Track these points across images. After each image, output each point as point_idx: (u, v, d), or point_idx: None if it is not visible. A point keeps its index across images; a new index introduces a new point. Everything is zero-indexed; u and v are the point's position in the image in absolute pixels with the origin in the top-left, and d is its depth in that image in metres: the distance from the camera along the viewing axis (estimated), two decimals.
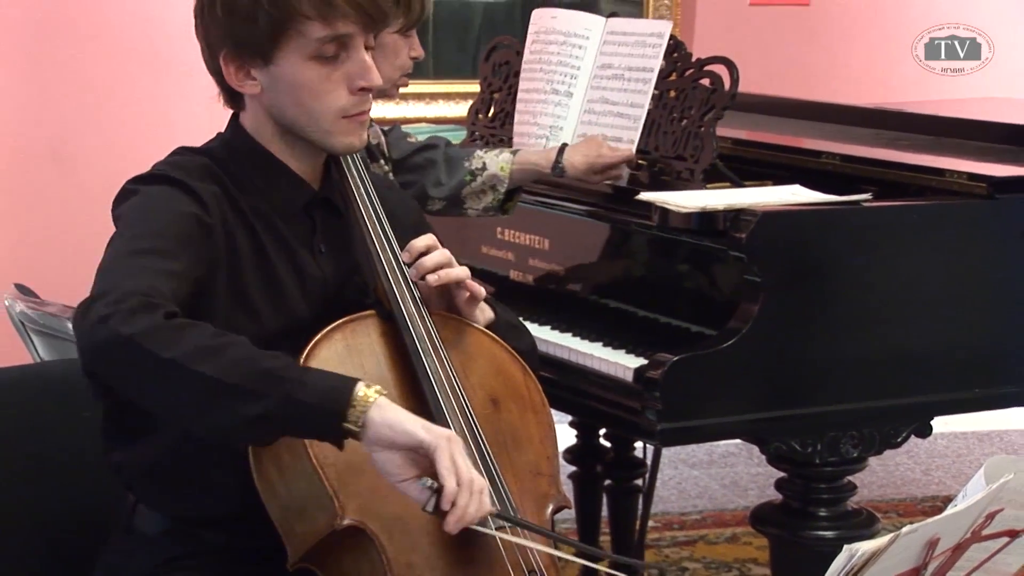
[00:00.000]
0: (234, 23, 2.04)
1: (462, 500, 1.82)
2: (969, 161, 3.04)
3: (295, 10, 2.01)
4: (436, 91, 5.37)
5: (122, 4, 5.00)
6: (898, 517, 4.40)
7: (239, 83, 2.08)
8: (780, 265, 2.59)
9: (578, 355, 2.70)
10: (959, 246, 2.79)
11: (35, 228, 4.94)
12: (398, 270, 2.14)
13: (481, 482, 1.86)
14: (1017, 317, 2.84)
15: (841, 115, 3.86)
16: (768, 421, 2.63)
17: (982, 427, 5.22)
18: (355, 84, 2.06)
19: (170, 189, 2.03)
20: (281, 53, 2.04)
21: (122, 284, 1.86)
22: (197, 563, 2.09)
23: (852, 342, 2.67)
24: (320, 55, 2.04)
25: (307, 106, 2.07)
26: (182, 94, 4.75)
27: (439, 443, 1.82)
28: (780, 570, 2.84)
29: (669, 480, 4.72)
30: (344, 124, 2.09)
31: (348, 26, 2.03)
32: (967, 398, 2.82)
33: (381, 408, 1.82)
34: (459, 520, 1.83)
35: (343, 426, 1.82)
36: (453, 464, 1.82)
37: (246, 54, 2.06)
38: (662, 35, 2.89)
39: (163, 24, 4.89)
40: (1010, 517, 1.75)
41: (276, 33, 2.03)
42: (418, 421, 1.84)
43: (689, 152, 2.80)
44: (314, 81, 2.05)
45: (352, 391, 1.82)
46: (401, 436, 1.82)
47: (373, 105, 2.13)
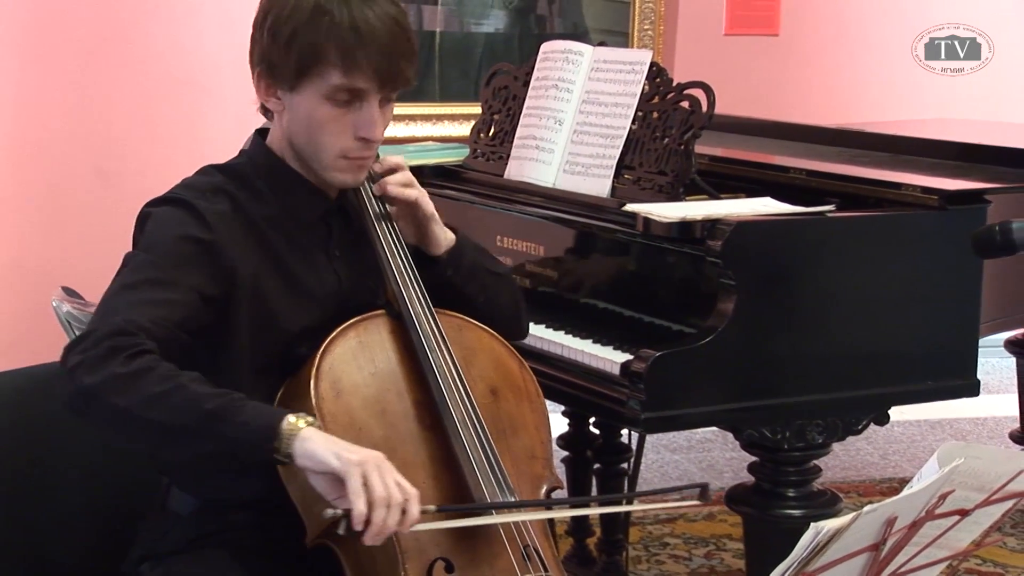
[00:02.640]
0: (273, 47, 2.06)
1: (377, 517, 1.81)
2: (923, 176, 3.03)
3: (323, 56, 2.03)
4: (442, 113, 5.39)
5: (160, 36, 5.01)
6: (859, 497, 4.39)
7: (265, 98, 2.11)
8: (752, 270, 2.58)
9: (570, 351, 2.69)
10: (913, 253, 2.78)
11: (81, 236, 4.94)
12: (406, 274, 2.13)
13: (400, 497, 1.83)
14: (964, 317, 2.83)
15: (807, 134, 3.86)
16: (741, 411, 2.62)
17: (933, 416, 5.21)
18: (358, 132, 2.08)
19: (179, 212, 2.04)
20: (303, 85, 2.06)
21: (102, 324, 1.90)
22: (225, 539, 2.09)
23: (817, 339, 2.66)
24: (335, 99, 2.05)
25: (314, 138, 2.09)
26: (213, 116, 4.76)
27: (348, 469, 1.81)
28: (752, 545, 2.83)
29: (652, 464, 4.71)
30: (343, 163, 2.10)
31: (364, 82, 2.05)
32: (920, 390, 2.81)
33: (303, 440, 1.84)
34: (375, 535, 1.82)
35: (274, 456, 1.85)
36: (364, 487, 1.80)
37: (275, 76, 2.08)
38: (643, 63, 2.89)
39: (197, 54, 4.90)
40: (960, 498, 1.75)
41: (302, 68, 2.04)
42: (333, 450, 1.83)
43: (670, 168, 2.79)
44: (325, 119, 2.07)
45: (279, 426, 1.84)
46: (318, 464, 1.83)
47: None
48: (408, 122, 5.28)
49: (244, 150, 2.20)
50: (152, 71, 5.02)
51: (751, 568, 2.85)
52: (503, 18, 5.45)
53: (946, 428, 5.20)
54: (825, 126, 3.99)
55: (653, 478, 4.59)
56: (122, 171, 4.96)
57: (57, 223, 5.00)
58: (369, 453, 1.85)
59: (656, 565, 3.85)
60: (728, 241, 2.54)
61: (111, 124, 5.02)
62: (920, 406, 2.88)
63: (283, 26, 2.04)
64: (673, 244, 2.66)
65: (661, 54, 5.46)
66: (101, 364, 1.85)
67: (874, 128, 3.94)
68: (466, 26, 5.41)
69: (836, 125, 4.05)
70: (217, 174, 2.14)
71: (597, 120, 2.92)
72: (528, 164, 3.03)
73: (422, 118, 5.34)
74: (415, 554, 1.97)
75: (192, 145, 4.83)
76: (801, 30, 5.76)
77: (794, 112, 5.05)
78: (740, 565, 3.72)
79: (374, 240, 2.16)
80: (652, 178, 2.81)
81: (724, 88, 2.89)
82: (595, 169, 2.89)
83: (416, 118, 5.32)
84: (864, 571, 1.71)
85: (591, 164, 2.91)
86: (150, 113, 5.04)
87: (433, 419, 2.06)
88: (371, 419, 2.02)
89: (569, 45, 3.06)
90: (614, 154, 2.87)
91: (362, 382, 2.05)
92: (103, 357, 1.85)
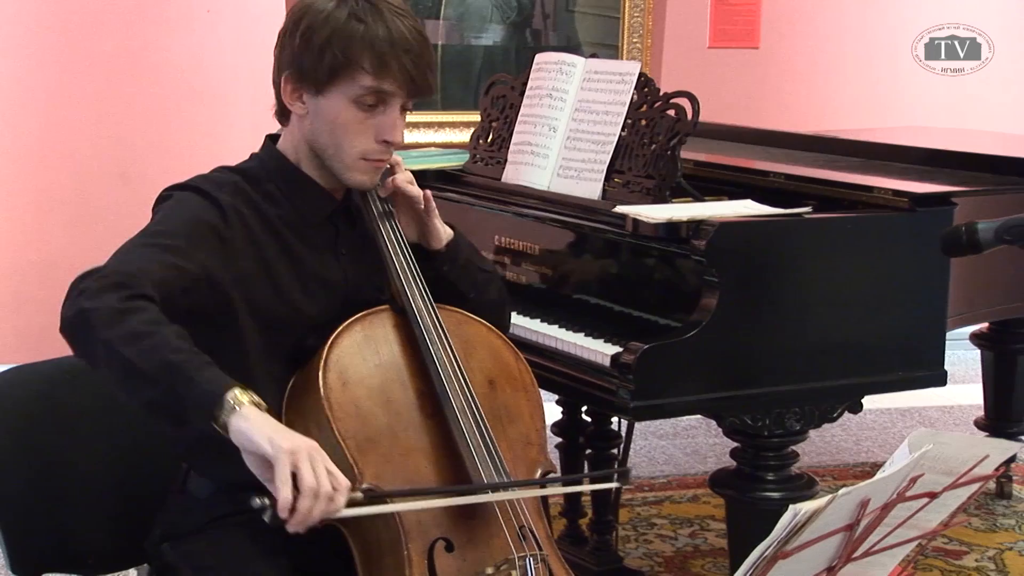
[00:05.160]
0: (304, 52, 2.05)
1: (303, 505, 1.74)
2: (893, 180, 3.03)
3: (356, 60, 2.02)
4: (443, 120, 5.39)
5: (179, 51, 5.03)
6: (834, 480, 4.38)
7: (290, 102, 2.09)
8: (734, 268, 2.57)
9: (563, 343, 2.69)
10: (885, 252, 2.78)
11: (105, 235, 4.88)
12: (409, 272, 2.13)
13: (329, 487, 1.76)
14: (932, 312, 2.83)
15: (786, 141, 3.86)
16: (724, 400, 2.61)
17: (903, 404, 5.21)
18: (380, 135, 2.07)
19: (198, 198, 2.03)
20: (332, 89, 2.05)
21: (115, 265, 1.88)
22: (240, 520, 2.07)
23: (795, 333, 2.66)
24: (361, 101, 2.04)
25: (338, 140, 2.07)
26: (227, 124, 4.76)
27: (278, 456, 1.74)
28: (734, 526, 2.83)
29: (640, 449, 4.71)
30: (363, 164, 2.09)
31: (393, 86, 2.04)
32: (891, 380, 2.80)
33: (241, 417, 1.77)
34: (299, 523, 1.76)
35: (212, 425, 1.78)
36: (291, 475, 1.74)
37: (304, 80, 2.07)
38: (632, 74, 2.88)
39: (213, 67, 4.91)
40: (929, 481, 1.74)
41: (333, 72, 2.03)
42: (267, 434, 1.76)
43: (657, 172, 2.78)
44: (350, 121, 2.06)
45: (222, 397, 1.77)
46: (249, 444, 1.77)
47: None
48: (411, 129, 5.28)
49: (255, 153, 2.19)
50: (171, 83, 5.04)
51: (733, 547, 2.84)
52: (501, 32, 5.44)
53: (915, 416, 5.19)
54: (802, 133, 3.98)
55: (641, 463, 4.59)
56: (143, 175, 4.97)
57: (83, 223, 5.01)
58: (302, 441, 1.78)
59: (644, 544, 3.84)
60: (712, 241, 2.53)
61: (133, 132, 5.04)
62: (891, 395, 2.88)
63: (319, 31, 2.03)
64: (660, 244, 2.66)
65: (649, 65, 5.46)
66: (102, 294, 1.82)
67: (848, 135, 3.94)
68: (466, 39, 5.41)
69: (812, 132, 4.04)
70: (231, 173, 2.13)
71: (589, 127, 2.92)
72: (524, 168, 3.02)
73: (425, 125, 5.36)
74: (417, 534, 1.96)
75: (208, 151, 4.82)
76: (780, 43, 5.75)
77: (773, 120, 5.05)
78: (723, 544, 3.71)
79: (378, 238, 2.15)
80: (640, 182, 2.81)
81: (708, 97, 2.88)
82: (587, 173, 2.89)
83: (419, 125, 5.34)
84: (839, 550, 1.71)
85: (583, 168, 2.90)
86: (169, 121, 5.06)
87: (434, 408, 2.05)
88: (376, 408, 2.02)
89: (562, 57, 3.05)
90: (605, 159, 2.86)
91: (368, 373, 2.04)
92: (105, 288, 1.83)
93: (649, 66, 5.45)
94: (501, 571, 1.98)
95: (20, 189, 4.98)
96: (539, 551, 2.03)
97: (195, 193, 2.05)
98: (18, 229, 5.00)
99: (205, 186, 2.06)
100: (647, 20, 5.51)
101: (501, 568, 1.98)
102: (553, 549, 2.08)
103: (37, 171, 4.98)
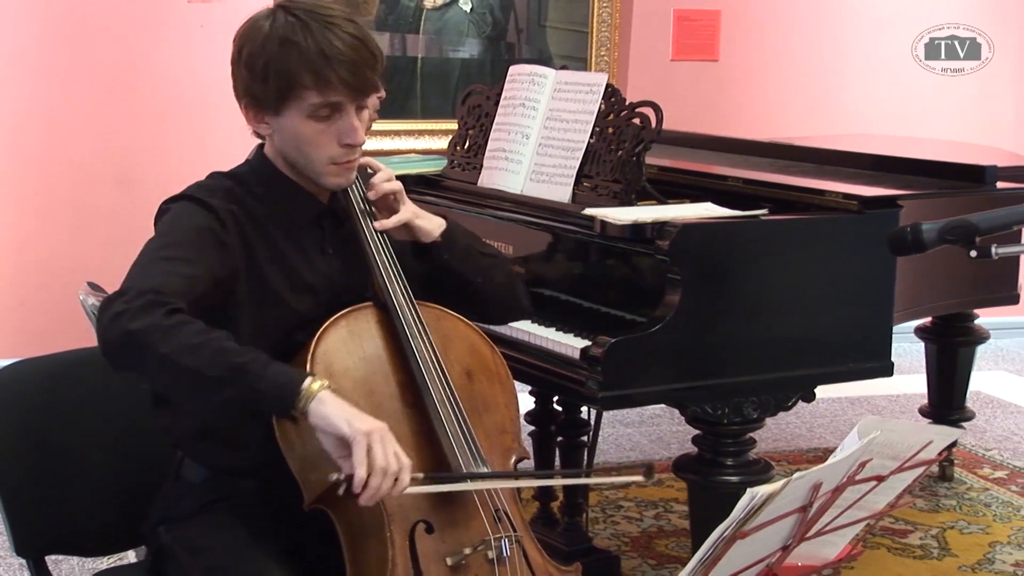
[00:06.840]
0: (252, 81, 2.04)
1: (374, 483, 1.80)
2: (844, 184, 3.04)
3: (298, 82, 2.00)
4: (423, 128, 5.39)
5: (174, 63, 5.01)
6: (788, 465, 4.39)
7: (255, 126, 2.08)
8: (696, 266, 2.57)
9: (536, 337, 2.69)
10: (836, 251, 2.79)
11: (104, 237, 4.93)
12: (391, 269, 2.12)
13: (396, 467, 1.83)
14: (880, 308, 2.84)
15: (743, 147, 3.86)
16: (686, 390, 2.62)
17: (853, 394, 5.22)
18: (343, 140, 2.06)
19: (194, 206, 2.02)
20: (286, 109, 2.03)
21: (139, 283, 1.86)
22: (232, 504, 2.07)
23: (752, 327, 2.66)
24: (316, 115, 2.03)
25: (305, 152, 2.07)
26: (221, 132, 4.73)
27: (356, 437, 1.80)
28: (696, 508, 2.83)
29: (608, 436, 4.71)
30: (333, 168, 2.09)
31: (338, 96, 2.02)
32: (842, 371, 2.81)
33: (320, 401, 1.82)
34: (370, 498, 1.82)
35: (291, 412, 1.83)
36: (367, 455, 1.80)
37: (259, 106, 2.06)
38: (600, 85, 2.88)
39: (207, 78, 4.89)
40: (878, 465, 1.75)
41: (282, 94, 2.02)
42: (345, 416, 1.82)
43: (624, 176, 2.78)
44: (310, 135, 2.05)
45: (300, 385, 1.82)
46: (329, 427, 1.82)
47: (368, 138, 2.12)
48: (393, 136, 5.30)
49: (248, 159, 2.18)
50: (167, 93, 5.03)
51: (695, 528, 2.85)
52: (477, 45, 5.44)
53: (864, 404, 5.21)
54: (759, 140, 3.99)
55: (609, 449, 4.59)
56: (141, 181, 4.96)
57: (83, 226, 4.98)
58: (376, 423, 1.83)
59: (612, 525, 3.85)
60: (675, 241, 2.54)
61: (131, 139, 5.02)
62: (842, 385, 2.88)
63: (256, 60, 2.01)
64: (626, 244, 2.66)
65: (615, 77, 5.46)
66: (144, 313, 1.81)
67: (801, 142, 3.95)
68: (444, 52, 5.41)
69: (768, 139, 4.05)
70: (224, 179, 2.12)
71: (559, 135, 2.92)
72: (499, 173, 3.02)
73: (405, 133, 5.36)
74: (399, 517, 1.96)
75: (202, 157, 4.78)
76: (738, 56, 5.76)
77: (731, 128, 5.06)
78: (685, 525, 3.72)
79: (361, 236, 2.14)
80: (608, 186, 2.81)
81: (671, 107, 2.89)
82: (558, 178, 2.89)
83: (400, 133, 5.34)
84: (794, 530, 1.71)
85: (554, 173, 2.90)
86: (165, 129, 5.04)
87: (415, 398, 2.05)
88: (360, 399, 2.01)
89: (535, 69, 3.05)
90: (574, 164, 2.86)
91: (352, 366, 2.04)
92: (145, 308, 1.81)
93: (616, 77, 5.45)
94: (478, 551, 1.98)
95: (23, 193, 4.95)
96: (514, 532, 2.03)
97: (190, 202, 2.03)
98: (21, 231, 4.97)
99: (199, 194, 2.05)
100: (614, 35, 5.51)
101: (478, 548, 1.98)
102: (527, 531, 2.08)
103: (40, 176, 4.95)
